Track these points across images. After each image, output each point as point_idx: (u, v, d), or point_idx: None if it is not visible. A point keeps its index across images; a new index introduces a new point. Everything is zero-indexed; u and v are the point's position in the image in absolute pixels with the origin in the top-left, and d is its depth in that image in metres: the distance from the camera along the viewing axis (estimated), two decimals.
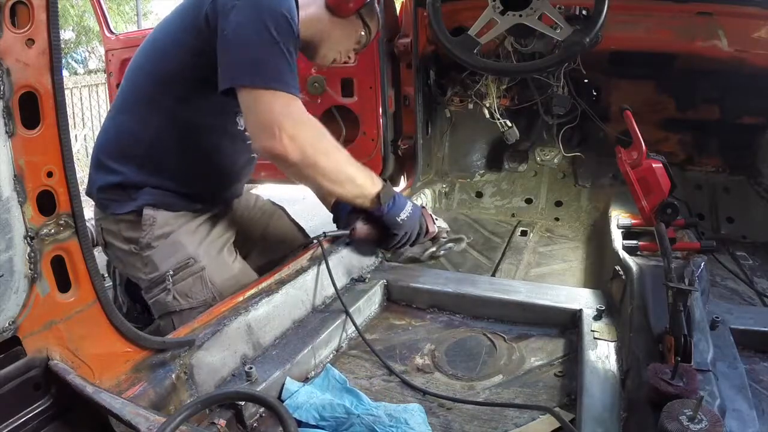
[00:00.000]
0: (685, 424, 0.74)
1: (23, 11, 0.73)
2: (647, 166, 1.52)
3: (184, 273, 1.40)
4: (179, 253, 1.40)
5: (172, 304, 1.40)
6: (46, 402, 0.83)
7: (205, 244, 1.46)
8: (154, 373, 0.96)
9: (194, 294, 1.40)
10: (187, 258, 1.41)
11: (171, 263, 1.39)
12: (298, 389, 1.07)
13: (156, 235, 1.40)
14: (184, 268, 1.40)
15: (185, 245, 1.41)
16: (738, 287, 1.62)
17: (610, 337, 1.19)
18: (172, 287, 1.39)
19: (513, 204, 2.44)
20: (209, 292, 1.40)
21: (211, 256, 1.45)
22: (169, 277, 1.38)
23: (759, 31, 1.85)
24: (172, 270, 1.39)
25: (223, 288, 1.41)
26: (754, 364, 1.14)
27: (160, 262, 1.40)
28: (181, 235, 1.42)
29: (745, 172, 2.16)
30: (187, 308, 1.40)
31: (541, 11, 1.60)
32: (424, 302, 1.48)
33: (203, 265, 1.41)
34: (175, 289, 1.39)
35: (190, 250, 1.41)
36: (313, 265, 1.41)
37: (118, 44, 2.74)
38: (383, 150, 2.29)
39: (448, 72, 2.29)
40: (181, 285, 1.40)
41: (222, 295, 1.38)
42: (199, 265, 1.41)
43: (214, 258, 1.45)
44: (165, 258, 1.40)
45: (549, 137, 2.40)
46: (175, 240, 1.41)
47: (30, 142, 0.76)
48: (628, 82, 2.21)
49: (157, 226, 1.40)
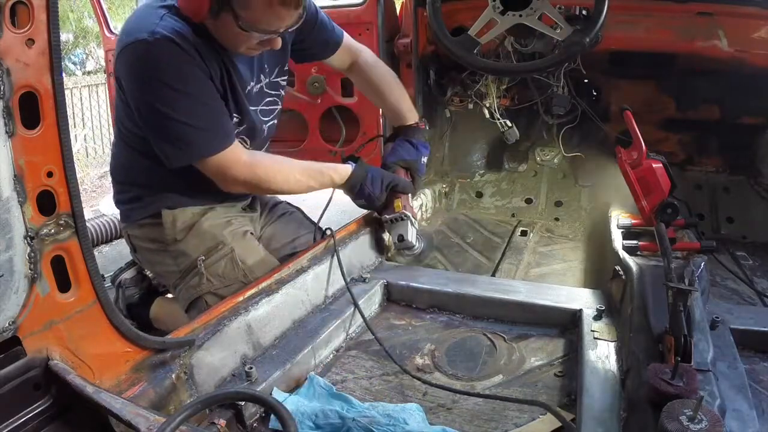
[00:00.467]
0: (685, 424, 0.74)
1: (23, 11, 0.73)
2: (647, 166, 1.52)
3: (216, 256, 1.46)
4: (207, 239, 1.47)
5: (206, 286, 1.46)
6: (46, 402, 0.83)
7: (230, 229, 1.51)
8: (154, 373, 0.96)
9: (227, 274, 1.46)
10: (216, 243, 1.47)
11: (200, 249, 1.46)
12: (284, 399, 1.05)
13: (180, 229, 1.47)
14: (214, 251, 1.46)
15: (212, 231, 1.48)
16: (738, 287, 1.62)
17: (610, 337, 1.19)
18: (205, 271, 1.45)
19: (513, 204, 2.44)
20: (241, 271, 1.46)
21: (238, 239, 1.50)
22: (200, 261, 1.45)
23: (759, 31, 1.85)
24: (204, 255, 1.45)
25: (255, 267, 1.47)
26: (754, 364, 1.14)
27: (190, 251, 1.47)
28: (205, 224, 1.49)
29: (745, 172, 2.16)
30: (222, 287, 1.45)
31: (541, 11, 1.59)
32: (424, 302, 1.48)
33: (232, 246, 1.47)
34: (208, 272, 1.46)
35: (217, 235, 1.48)
36: (313, 265, 1.41)
37: None
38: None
39: (448, 72, 2.29)
40: (214, 267, 1.46)
41: (254, 274, 1.44)
42: (228, 247, 1.47)
43: (240, 241, 1.50)
44: (194, 246, 1.47)
45: (549, 137, 2.40)
46: (200, 229, 1.48)
47: (30, 142, 0.76)
48: (628, 82, 2.21)
49: (179, 221, 1.47)
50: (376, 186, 1.56)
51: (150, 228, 1.50)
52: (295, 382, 1.14)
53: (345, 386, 1.15)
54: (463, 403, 1.09)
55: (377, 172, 1.58)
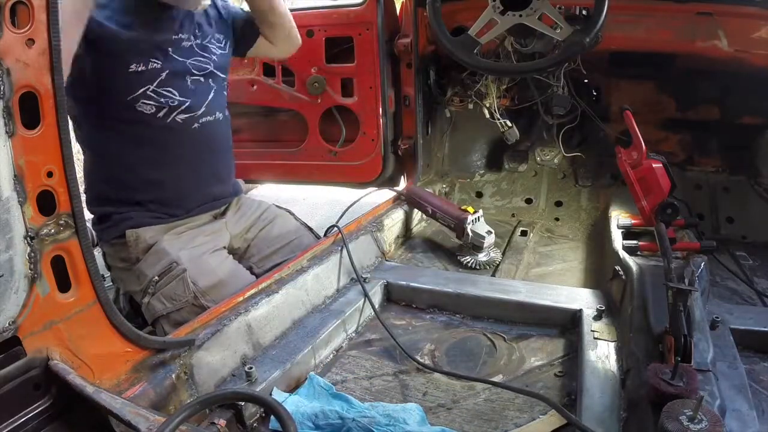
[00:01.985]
0: (685, 424, 0.74)
1: (23, 11, 0.73)
2: (647, 166, 1.52)
3: (168, 277, 1.43)
4: (163, 259, 1.44)
5: (158, 308, 1.43)
6: (46, 402, 0.83)
7: (188, 249, 1.48)
8: (154, 373, 0.96)
9: (177, 296, 1.42)
10: (170, 262, 1.44)
11: (156, 270, 1.44)
12: (284, 400, 1.05)
13: (141, 249, 1.46)
14: (167, 272, 1.43)
15: (168, 251, 1.45)
16: (738, 287, 1.62)
17: (610, 337, 1.19)
18: (158, 292, 1.42)
19: (513, 204, 2.43)
20: (191, 292, 1.41)
21: (193, 259, 1.46)
22: (153, 282, 1.42)
23: (759, 31, 1.85)
24: (157, 275, 1.43)
25: (207, 289, 1.42)
26: (754, 364, 1.14)
27: (147, 270, 1.44)
28: (164, 243, 1.47)
29: (745, 172, 2.16)
30: (173, 310, 1.41)
31: (541, 11, 1.59)
32: (424, 302, 1.48)
33: (184, 267, 1.43)
34: (161, 293, 1.42)
35: (172, 255, 1.45)
36: (313, 265, 1.41)
37: None
38: (383, 150, 2.29)
39: (448, 72, 2.29)
40: (166, 289, 1.42)
41: (206, 297, 1.40)
42: (180, 267, 1.43)
43: (195, 260, 1.46)
44: (151, 266, 1.44)
45: (549, 137, 2.40)
46: (159, 249, 1.46)
47: (30, 142, 0.76)
48: (628, 83, 2.21)
49: (140, 240, 1.46)
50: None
51: (119, 247, 1.50)
52: (295, 382, 1.14)
53: (345, 386, 1.15)
54: (463, 403, 1.09)
55: None
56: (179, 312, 1.41)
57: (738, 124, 2.09)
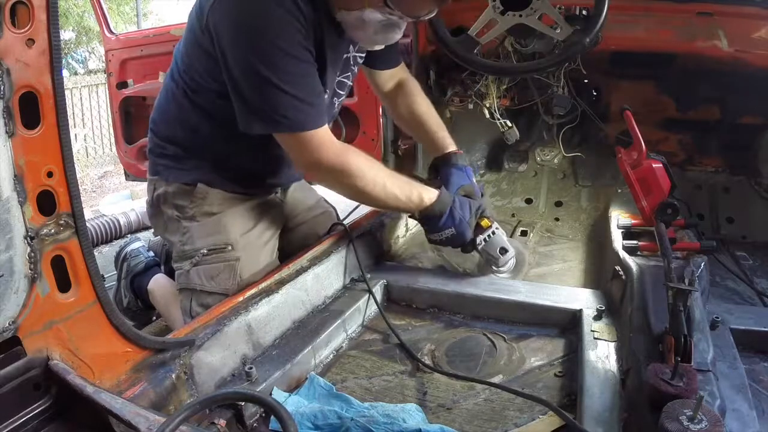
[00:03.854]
0: (685, 425, 0.74)
1: (23, 11, 0.73)
2: (647, 166, 1.52)
3: (217, 257, 1.38)
4: (220, 235, 1.39)
5: (194, 281, 1.39)
6: (46, 402, 0.83)
7: (248, 236, 1.43)
8: (154, 373, 0.96)
9: (219, 280, 1.38)
10: (225, 243, 1.39)
11: (208, 242, 1.38)
12: (285, 399, 1.05)
13: (203, 211, 1.39)
14: (218, 251, 1.38)
15: (228, 229, 1.39)
16: (738, 287, 1.62)
17: (610, 337, 1.19)
18: (201, 265, 1.38)
19: (513, 204, 2.43)
20: (234, 283, 1.37)
21: (250, 250, 1.42)
22: (201, 254, 1.37)
23: (759, 31, 1.85)
24: (206, 249, 1.37)
25: (249, 281, 1.38)
26: (754, 364, 1.14)
27: (197, 237, 1.39)
28: (227, 217, 1.40)
29: (745, 172, 2.16)
30: (208, 291, 1.38)
31: (541, 11, 1.59)
32: (424, 302, 1.48)
33: (239, 255, 1.39)
34: (203, 268, 1.38)
35: (231, 236, 1.39)
36: (313, 265, 1.41)
37: (118, 44, 2.74)
38: (383, 150, 2.29)
39: (448, 72, 2.29)
40: (210, 267, 1.38)
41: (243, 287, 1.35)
42: (234, 254, 1.39)
43: (252, 253, 1.42)
44: (204, 235, 1.38)
45: (549, 137, 2.39)
46: (220, 221, 1.39)
47: (30, 142, 0.76)
48: (628, 82, 2.21)
49: (207, 201, 1.39)
50: (466, 210, 1.45)
51: (178, 192, 1.40)
52: (295, 382, 1.14)
53: (345, 386, 1.15)
54: (463, 403, 1.09)
55: (462, 198, 1.49)
56: (212, 296, 1.37)
57: (738, 124, 2.09)
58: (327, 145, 1.25)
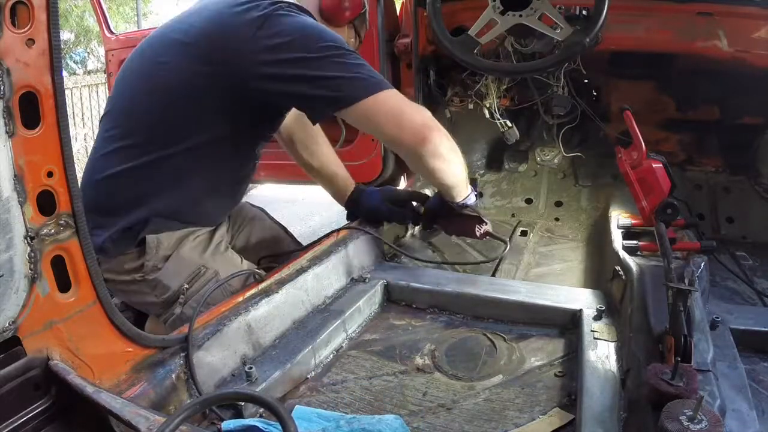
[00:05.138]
0: (685, 425, 0.74)
1: (23, 11, 0.73)
2: (647, 166, 1.52)
3: (200, 282, 1.39)
4: (188, 266, 1.39)
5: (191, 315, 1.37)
6: (46, 402, 0.83)
7: (209, 250, 1.45)
8: (154, 373, 0.96)
9: (214, 299, 1.34)
10: (198, 267, 1.40)
11: (183, 277, 1.38)
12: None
13: (162, 257, 1.38)
14: (197, 277, 1.39)
15: (192, 257, 1.41)
16: (738, 287, 1.62)
17: (610, 337, 1.19)
18: (190, 299, 1.37)
19: (513, 204, 2.44)
20: (228, 294, 1.35)
21: (219, 259, 1.43)
22: (184, 290, 1.37)
23: (759, 31, 1.85)
24: (186, 283, 1.38)
25: (240, 286, 1.37)
26: (754, 364, 1.14)
27: (170, 280, 1.38)
28: (184, 250, 1.41)
29: (745, 172, 2.16)
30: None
31: (541, 11, 1.59)
32: (424, 302, 1.48)
33: (215, 269, 1.40)
34: (194, 299, 1.36)
35: (197, 260, 1.41)
36: (313, 265, 1.41)
37: (118, 44, 2.75)
38: (383, 150, 2.29)
39: (448, 72, 2.29)
40: (200, 294, 1.35)
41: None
42: (211, 270, 1.40)
43: (221, 260, 1.43)
44: (174, 275, 1.38)
45: (549, 137, 2.40)
46: (180, 256, 1.40)
47: (30, 142, 0.76)
48: (628, 82, 2.21)
49: (162, 248, 1.38)
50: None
51: (129, 258, 1.38)
52: (295, 382, 1.14)
53: (345, 386, 1.15)
54: (463, 403, 1.09)
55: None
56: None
57: (738, 124, 2.09)
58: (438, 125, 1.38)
